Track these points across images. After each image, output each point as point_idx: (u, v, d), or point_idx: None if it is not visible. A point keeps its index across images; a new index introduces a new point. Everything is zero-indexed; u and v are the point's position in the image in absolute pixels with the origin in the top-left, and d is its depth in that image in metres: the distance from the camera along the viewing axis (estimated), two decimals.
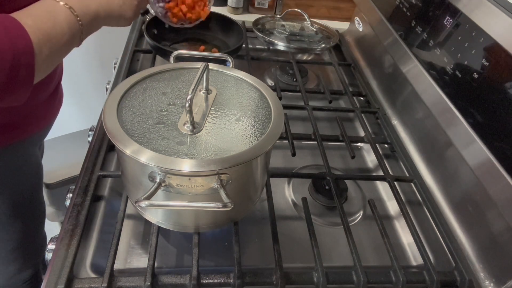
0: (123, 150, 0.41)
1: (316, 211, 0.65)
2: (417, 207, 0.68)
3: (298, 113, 0.84)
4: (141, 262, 0.54)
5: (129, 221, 0.59)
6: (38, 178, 0.83)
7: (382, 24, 0.88)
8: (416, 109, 0.77)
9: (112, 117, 0.45)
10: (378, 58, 0.96)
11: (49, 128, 0.81)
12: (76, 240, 0.51)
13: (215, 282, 0.49)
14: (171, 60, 0.57)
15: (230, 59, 0.59)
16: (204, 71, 0.48)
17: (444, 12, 0.67)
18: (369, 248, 0.62)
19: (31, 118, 0.68)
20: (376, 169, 0.77)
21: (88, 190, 0.57)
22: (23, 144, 0.70)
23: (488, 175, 0.53)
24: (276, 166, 0.73)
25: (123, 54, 0.91)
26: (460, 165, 0.63)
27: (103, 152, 0.64)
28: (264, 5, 1.18)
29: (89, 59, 1.47)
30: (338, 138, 0.75)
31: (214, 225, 0.52)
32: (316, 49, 1.00)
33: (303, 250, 0.57)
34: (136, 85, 0.52)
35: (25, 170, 0.76)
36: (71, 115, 1.65)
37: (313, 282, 0.51)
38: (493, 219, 0.56)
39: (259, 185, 0.53)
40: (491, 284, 0.55)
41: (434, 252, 0.60)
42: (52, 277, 0.47)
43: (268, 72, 0.99)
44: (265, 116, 0.50)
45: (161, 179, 0.41)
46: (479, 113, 0.56)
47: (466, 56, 0.60)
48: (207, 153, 0.43)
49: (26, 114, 0.66)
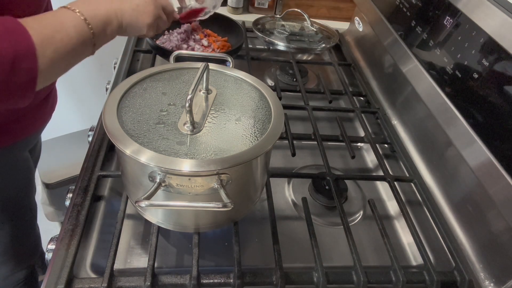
0: (123, 150, 0.41)
1: (316, 211, 0.65)
2: (417, 207, 0.67)
3: (298, 113, 0.84)
4: (141, 262, 0.54)
5: (129, 221, 0.59)
6: (28, 182, 0.81)
7: (382, 24, 0.88)
8: (416, 109, 0.77)
9: (112, 117, 0.45)
10: (378, 58, 0.96)
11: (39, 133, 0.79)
12: (76, 240, 0.51)
13: (215, 282, 0.49)
14: (171, 60, 0.57)
15: (230, 59, 0.59)
16: (204, 71, 0.48)
17: (444, 12, 0.67)
18: (369, 248, 0.62)
19: (18, 123, 0.66)
20: (376, 169, 0.77)
21: (88, 190, 0.57)
22: (10, 149, 0.69)
23: (488, 175, 0.53)
24: (276, 166, 0.73)
25: (123, 54, 0.91)
26: (460, 165, 0.63)
27: (103, 152, 0.64)
28: (264, 5, 1.18)
29: (89, 59, 1.46)
30: (338, 138, 0.75)
31: (214, 225, 0.52)
32: (316, 49, 1.00)
33: (303, 250, 0.57)
34: (136, 85, 0.52)
35: (13, 175, 0.74)
36: (71, 115, 1.65)
37: (313, 282, 0.51)
38: (493, 219, 0.56)
39: (259, 185, 0.53)
40: (491, 284, 0.55)
41: (434, 252, 0.60)
42: (52, 277, 0.47)
43: (268, 72, 0.99)
44: (265, 116, 0.50)
45: (161, 179, 0.41)
46: (479, 113, 0.56)
47: (466, 56, 0.60)
48: (207, 153, 0.43)
49: (13, 120, 0.64)
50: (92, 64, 1.51)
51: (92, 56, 0.56)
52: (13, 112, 0.63)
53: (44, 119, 0.74)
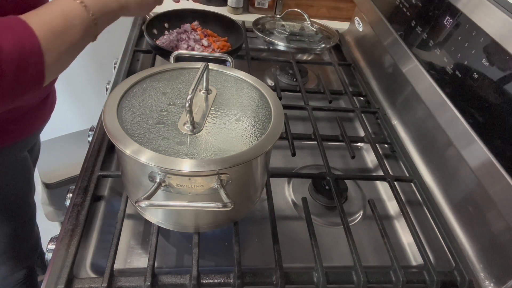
0: (123, 150, 0.41)
1: (316, 211, 0.65)
2: (417, 207, 0.67)
3: (298, 113, 0.84)
4: (141, 262, 0.54)
5: (129, 221, 0.59)
6: (27, 182, 0.81)
7: (382, 24, 0.88)
8: (416, 109, 0.77)
9: (112, 117, 0.45)
10: (378, 58, 0.96)
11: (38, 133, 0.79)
12: (76, 240, 0.51)
13: (215, 282, 0.49)
14: (171, 60, 0.57)
15: (230, 59, 0.59)
16: (204, 71, 0.48)
17: (444, 12, 0.67)
18: (369, 248, 0.62)
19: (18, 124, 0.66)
20: (376, 169, 0.77)
21: (88, 190, 0.57)
22: (9, 149, 0.69)
23: (488, 175, 0.53)
24: (276, 166, 0.73)
25: (123, 54, 0.91)
26: (460, 165, 0.63)
27: (103, 152, 0.64)
28: (264, 5, 1.18)
29: (89, 59, 1.47)
30: (338, 138, 0.75)
31: (214, 225, 0.52)
32: (316, 49, 1.00)
33: (303, 250, 0.57)
34: (136, 85, 0.52)
35: (12, 175, 0.74)
36: (71, 115, 1.65)
37: (313, 282, 0.51)
38: (493, 219, 0.56)
39: (259, 185, 0.53)
40: (491, 284, 0.55)
41: (434, 252, 0.60)
42: (52, 277, 0.47)
43: (268, 72, 0.99)
44: (265, 116, 0.50)
45: (161, 179, 0.41)
46: (479, 113, 0.56)
47: (466, 56, 0.60)
48: (207, 153, 0.43)
49: (13, 120, 0.64)
50: (92, 64, 1.51)
51: (92, 56, 0.56)
52: (13, 112, 0.63)
53: (44, 119, 0.74)
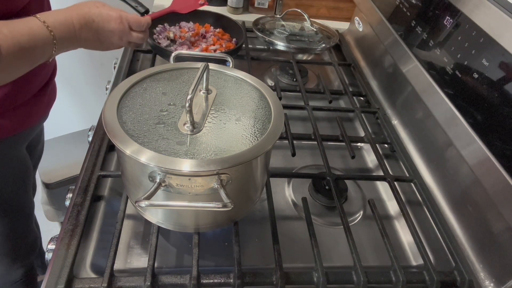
0: (123, 150, 0.41)
1: (316, 211, 0.65)
2: (417, 207, 0.67)
3: (298, 113, 0.84)
4: (141, 262, 0.54)
5: (129, 221, 0.59)
6: (24, 180, 0.80)
7: (382, 24, 0.88)
8: (416, 109, 0.77)
9: (112, 117, 0.45)
10: (378, 58, 0.96)
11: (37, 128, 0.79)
12: (76, 240, 0.51)
13: (215, 282, 0.49)
14: (171, 60, 0.57)
15: (230, 59, 0.59)
16: (204, 71, 0.48)
17: (444, 12, 0.67)
18: (369, 248, 0.62)
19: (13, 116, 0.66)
20: (376, 169, 0.77)
21: (88, 190, 0.57)
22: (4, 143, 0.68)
23: (488, 175, 0.53)
24: (276, 166, 0.73)
25: (123, 54, 0.91)
26: (460, 165, 0.63)
27: (103, 152, 0.64)
28: (264, 5, 1.18)
29: (89, 59, 1.47)
30: (338, 138, 0.75)
31: (214, 225, 0.52)
32: (316, 49, 1.00)
33: (303, 250, 0.57)
34: (136, 85, 0.52)
35: (7, 170, 0.74)
36: (71, 115, 1.65)
37: (313, 282, 0.51)
38: (493, 219, 0.56)
39: (259, 185, 0.53)
40: (491, 284, 0.55)
41: (434, 252, 0.60)
42: (52, 277, 0.47)
43: (268, 72, 0.99)
44: (265, 116, 0.50)
45: (161, 179, 0.41)
46: (479, 113, 0.56)
47: (466, 56, 0.60)
48: (207, 153, 0.43)
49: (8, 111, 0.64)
50: (92, 64, 1.51)
51: (92, 56, 0.57)
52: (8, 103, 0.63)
53: (39, 115, 0.74)
